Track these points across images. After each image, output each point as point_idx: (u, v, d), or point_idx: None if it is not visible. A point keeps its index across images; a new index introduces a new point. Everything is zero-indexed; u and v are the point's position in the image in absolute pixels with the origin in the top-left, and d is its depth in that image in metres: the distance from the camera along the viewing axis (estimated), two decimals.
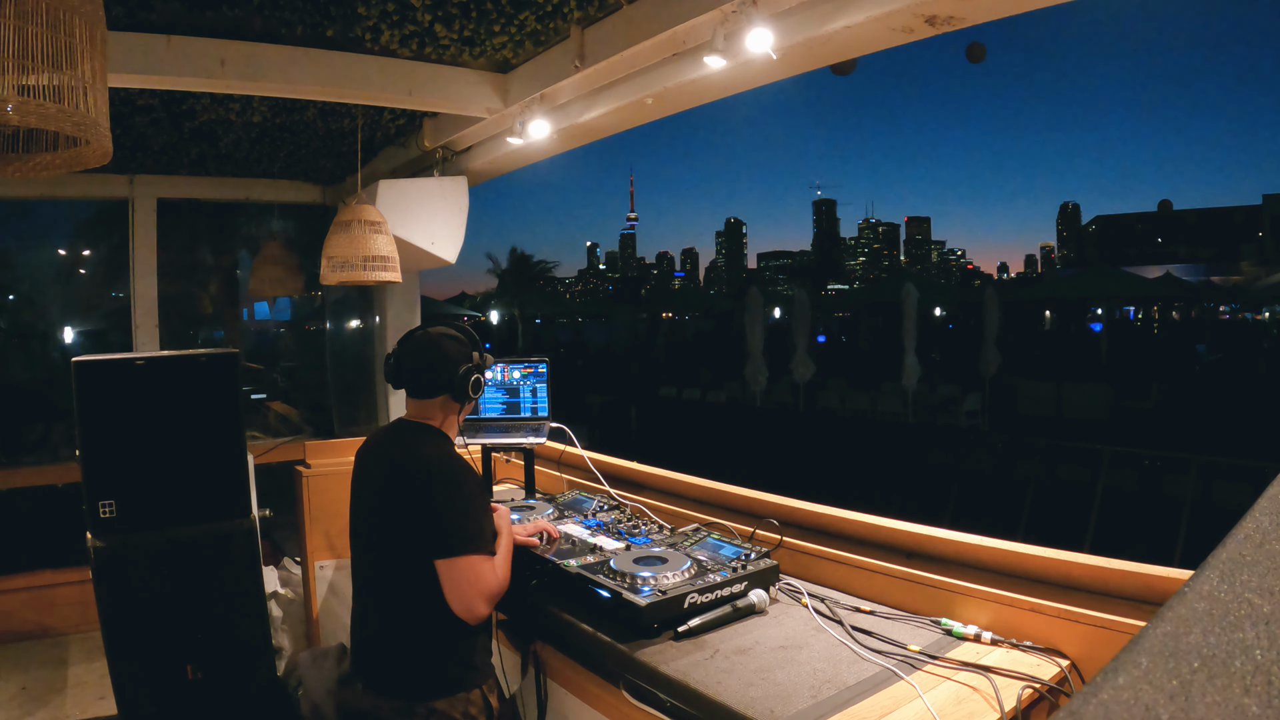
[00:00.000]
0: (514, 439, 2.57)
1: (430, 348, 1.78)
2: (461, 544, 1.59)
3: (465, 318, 30.12)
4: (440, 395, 1.77)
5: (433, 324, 1.86)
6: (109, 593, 2.24)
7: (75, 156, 1.34)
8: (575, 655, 1.65)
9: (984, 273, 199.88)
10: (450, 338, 1.80)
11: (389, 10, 2.15)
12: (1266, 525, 0.39)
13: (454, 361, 1.76)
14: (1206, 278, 33.53)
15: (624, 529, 2.03)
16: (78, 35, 1.11)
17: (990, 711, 1.23)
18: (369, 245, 2.88)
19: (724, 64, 1.89)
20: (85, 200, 4.12)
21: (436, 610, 1.61)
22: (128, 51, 2.13)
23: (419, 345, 1.79)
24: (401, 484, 1.66)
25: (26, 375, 4.76)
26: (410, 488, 1.64)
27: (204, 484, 2.38)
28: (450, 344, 1.78)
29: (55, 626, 3.37)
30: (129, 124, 2.96)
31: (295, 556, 3.62)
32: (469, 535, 1.60)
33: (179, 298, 4.41)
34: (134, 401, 2.30)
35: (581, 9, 2.12)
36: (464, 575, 1.58)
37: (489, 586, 1.61)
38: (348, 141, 3.41)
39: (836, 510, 1.92)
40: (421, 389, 1.77)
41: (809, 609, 1.63)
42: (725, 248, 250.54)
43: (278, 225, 4.51)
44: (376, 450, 1.79)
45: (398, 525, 1.65)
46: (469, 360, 1.79)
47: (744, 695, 1.27)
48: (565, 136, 2.76)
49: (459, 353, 1.78)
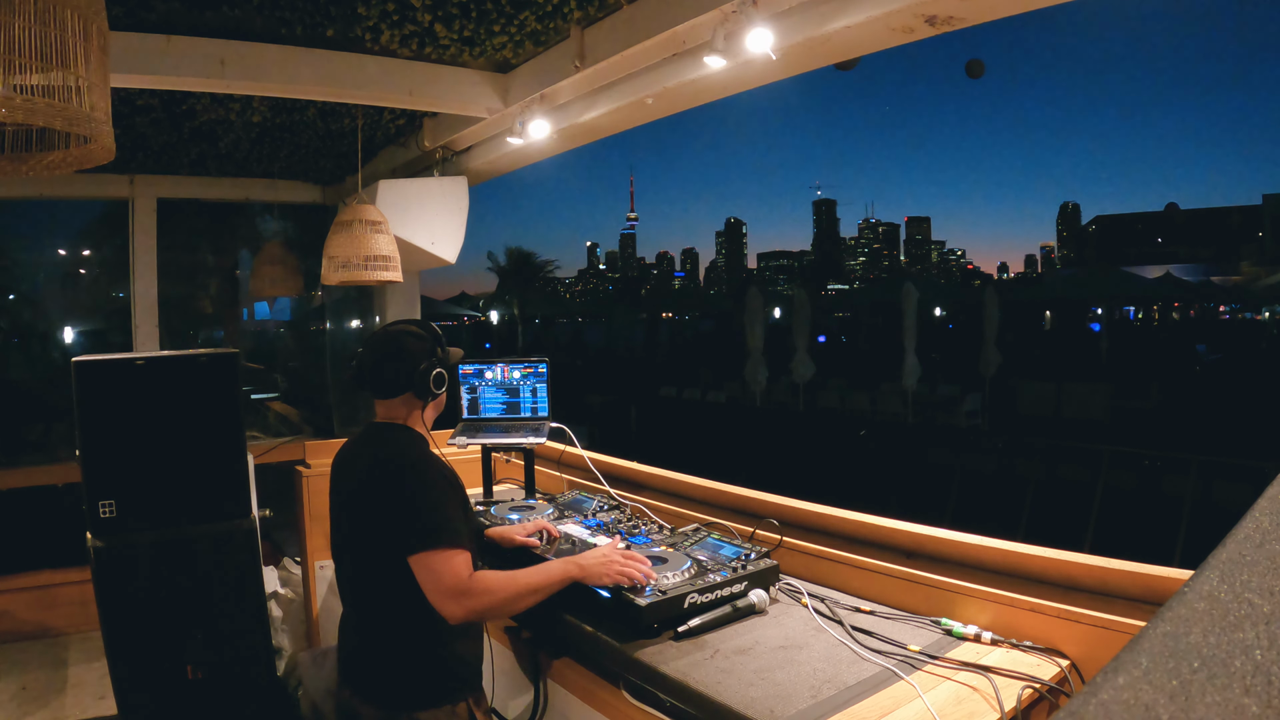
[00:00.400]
0: (514, 439, 2.57)
1: (389, 346, 1.74)
2: (430, 538, 1.53)
3: (465, 318, 30.13)
4: (402, 394, 1.72)
5: (396, 323, 1.82)
6: (109, 593, 2.24)
7: (78, 155, 1.34)
8: (575, 655, 1.65)
9: (984, 273, 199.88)
10: (410, 334, 1.76)
11: (389, 10, 2.15)
12: (1266, 525, 0.39)
13: (414, 358, 1.72)
14: (1206, 278, 33.51)
15: (624, 529, 2.03)
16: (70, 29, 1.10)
17: (990, 711, 1.23)
18: (370, 245, 2.88)
19: (724, 64, 1.89)
20: (85, 200, 4.12)
21: (415, 616, 1.56)
22: (128, 51, 2.13)
23: (378, 344, 1.75)
24: (374, 483, 1.62)
25: (26, 375, 4.76)
26: (382, 486, 1.61)
27: (204, 484, 2.38)
28: (410, 341, 1.74)
29: (55, 626, 3.37)
30: (129, 124, 2.96)
31: (295, 556, 3.62)
32: (435, 529, 1.54)
33: (179, 298, 4.41)
34: (134, 401, 2.30)
35: (581, 9, 2.12)
36: (433, 569, 1.52)
37: (459, 582, 1.51)
38: (348, 141, 3.41)
39: (836, 510, 1.92)
40: (384, 388, 1.73)
41: (809, 609, 1.63)
42: (725, 248, 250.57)
43: (278, 225, 4.51)
44: (350, 455, 1.76)
45: (372, 526, 1.61)
46: (431, 356, 1.74)
47: (744, 695, 1.27)
48: (565, 136, 2.76)
49: (419, 349, 1.74)
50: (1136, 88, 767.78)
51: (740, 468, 8.56)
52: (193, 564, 2.34)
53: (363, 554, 1.65)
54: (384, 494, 1.59)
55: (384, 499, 1.59)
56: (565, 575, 1.61)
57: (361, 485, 1.66)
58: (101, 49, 1.18)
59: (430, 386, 1.73)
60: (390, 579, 1.57)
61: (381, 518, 1.59)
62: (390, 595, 1.59)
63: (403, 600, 1.56)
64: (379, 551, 1.60)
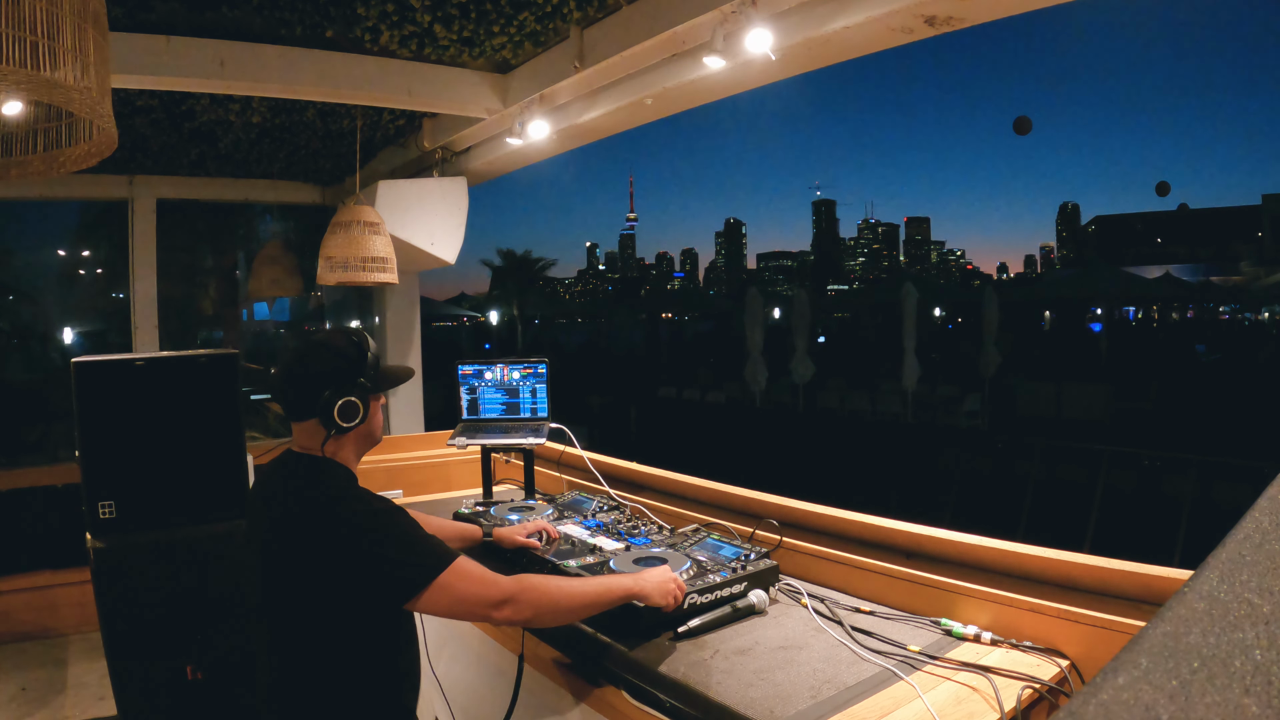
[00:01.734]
0: (513, 439, 2.57)
1: (298, 360, 1.44)
2: (427, 568, 1.31)
3: (465, 318, 30.11)
4: (309, 419, 1.42)
5: (320, 330, 1.58)
6: (109, 593, 2.24)
7: (82, 152, 1.34)
8: (574, 655, 1.65)
9: (984, 273, 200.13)
10: (326, 348, 1.45)
11: (389, 11, 2.15)
12: (1266, 525, 0.39)
13: (321, 379, 1.41)
14: (1206, 278, 33.50)
15: (624, 529, 2.03)
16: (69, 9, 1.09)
17: (990, 712, 1.23)
18: (367, 246, 2.88)
19: (723, 64, 1.89)
20: (85, 200, 4.12)
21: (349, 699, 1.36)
22: (128, 52, 2.13)
23: (290, 355, 1.46)
24: (306, 536, 1.32)
25: (26, 375, 4.76)
26: (312, 546, 1.31)
27: (204, 484, 2.38)
28: (324, 356, 1.43)
29: (55, 627, 3.37)
30: (129, 124, 2.96)
31: None
32: (425, 555, 1.32)
33: (179, 298, 4.41)
34: (134, 402, 2.30)
35: (581, 9, 2.12)
36: (453, 589, 1.31)
37: (492, 583, 1.35)
38: (347, 142, 3.41)
39: (836, 510, 1.92)
40: (290, 409, 1.43)
41: (809, 609, 1.63)
42: (725, 248, 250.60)
43: (277, 226, 4.51)
44: (258, 502, 1.47)
45: (311, 584, 1.32)
46: (343, 378, 1.42)
47: (744, 695, 1.27)
48: (565, 137, 2.76)
49: (331, 368, 1.42)
50: (1136, 88, 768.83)
51: (740, 468, 8.56)
52: (193, 564, 2.34)
53: (290, 618, 1.37)
54: (326, 553, 1.30)
55: (327, 552, 1.30)
56: (627, 593, 1.47)
57: (279, 545, 1.36)
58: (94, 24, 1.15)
59: (334, 417, 1.40)
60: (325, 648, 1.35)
61: (331, 574, 1.31)
62: (321, 671, 1.35)
63: (337, 677, 1.35)
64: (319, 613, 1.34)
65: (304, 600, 1.34)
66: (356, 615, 1.35)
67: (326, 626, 1.34)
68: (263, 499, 1.46)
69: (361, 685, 1.38)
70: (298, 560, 1.33)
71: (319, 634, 1.35)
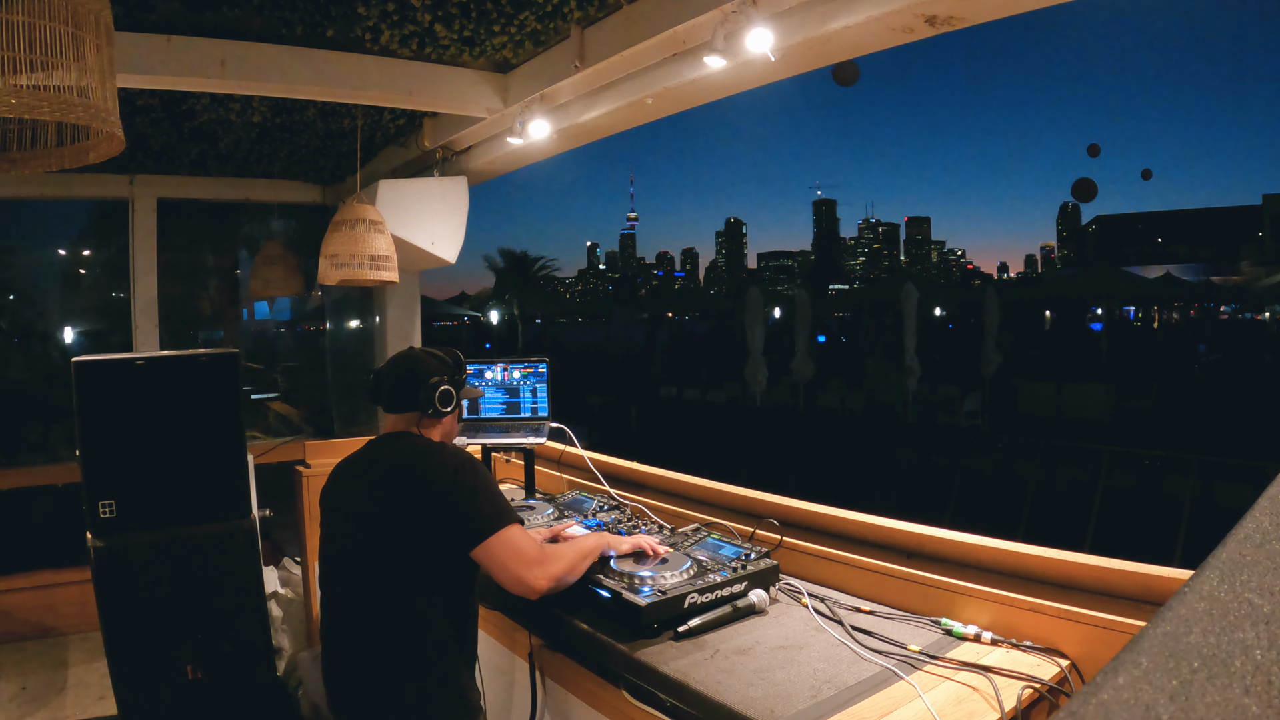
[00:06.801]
0: (514, 439, 2.57)
1: (406, 363, 1.83)
2: (497, 519, 1.58)
3: (465, 318, 30.10)
4: (407, 411, 1.79)
5: (421, 348, 1.92)
6: (109, 593, 2.24)
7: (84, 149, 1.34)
8: (575, 655, 1.65)
9: (984, 273, 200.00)
10: (431, 355, 1.86)
11: (389, 10, 2.15)
12: (1266, 525, 0.39)
13: (426, 375, 1.80)
14: (1206, 278, 33.48)
15: (624, 529, 2.03)
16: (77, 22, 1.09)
17: (990, 711, 1.23)
18: (370, 244, 2.88)
19: (724, 64, 1.89)
20: (85, 200, 4.12)
21: (435, 642, 1.57)
22: (128, 51, 2.13)
23: (398, 361, 1.85)
24: (402, 485, 1.61)
25: (26, 375, 4.76)
26: (414, 486, 1.60)
27: (204, 484, 2.38)
28: (428, 360, 1.84)
29: (55, 626, 3.37)
30: (129, 124, 2.96)
31: (295, 556, 3.62)
32: (498, 510, 1.59)
33: (179, 298, 4.41)
34: (134, 401, 2.30)
35: (581, 9, 2.12)
36: (512, 544, 1.56)
37: (537, 548, 1.60)
38: (347, 141, 3.41)
39: (836, 510, 1.92)
40: (392, 400, 1.80)
41: (809, 609, 1.63)
42: (725, 248, 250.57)
43: (278, 225, 4.51)
44: (363, 462, 1.76)
45: (399, 535, 1.58)
46: (442, 375, 1.81)
47: (744, 695, 1.27)
48: (565, 136, 2.76)
49: (433, 368, 1.82)
50: (1137, 87, 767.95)
51: (740, 468, 8.56)
52: (193, 564, 2.34)
53: (380, 570, 1.60)
54: (422, 492, 1.59)
55: (423, 497, 1.59)
56: (602, 543, 1.77)
57: (387, 488, 1.64)
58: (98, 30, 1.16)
59: (435, 402, 1.78)
60: (412, 597, 1.57)
61: (422, 518, 1.58)
62: (410, 618, 1.57)
63: (425, 622, 1.57)
64: (406, 563, 1.58)
65: (400, 544, 1.58)
66: (439, 559, 1.59)
67: (416, 570, 1.58)
68: (361, 467, 1.75)
69: (445, 627, 1.60)
70: (399, 504, 1.60)
71: (410, 576, 1.58)
